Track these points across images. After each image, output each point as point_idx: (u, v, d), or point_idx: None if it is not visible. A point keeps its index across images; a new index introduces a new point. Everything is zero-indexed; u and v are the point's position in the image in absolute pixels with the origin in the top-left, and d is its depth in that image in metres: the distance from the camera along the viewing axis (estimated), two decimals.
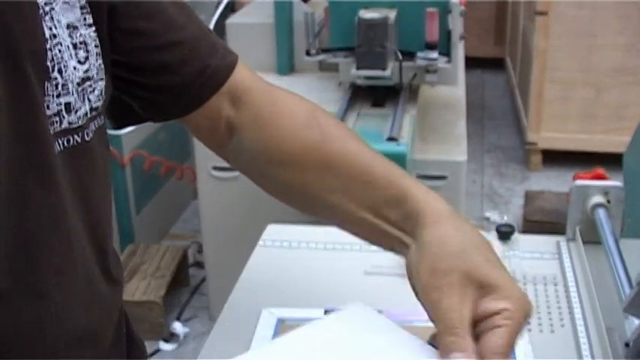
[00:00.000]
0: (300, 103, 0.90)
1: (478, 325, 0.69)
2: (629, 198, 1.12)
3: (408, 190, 0.77)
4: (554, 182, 3.41)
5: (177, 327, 2.55)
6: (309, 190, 0.85)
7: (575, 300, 0.95)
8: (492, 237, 1.05)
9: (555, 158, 3.54)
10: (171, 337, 2.53)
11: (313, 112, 0.88)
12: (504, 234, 1.07)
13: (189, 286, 2.79)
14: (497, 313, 0.68)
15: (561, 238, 1.08)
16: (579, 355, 0.86)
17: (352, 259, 1.06)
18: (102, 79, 0.78)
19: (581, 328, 0.90)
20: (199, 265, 2.82)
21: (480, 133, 3.98)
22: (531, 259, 1.05)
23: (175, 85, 0.84)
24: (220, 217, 2.46)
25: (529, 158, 3.61)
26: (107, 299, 0.85)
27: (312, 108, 0.89)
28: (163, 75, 0.84)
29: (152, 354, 2.44)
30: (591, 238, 1.05)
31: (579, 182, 1.05)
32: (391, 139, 1.95)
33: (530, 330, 0.90)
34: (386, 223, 0.79)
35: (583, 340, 0.88)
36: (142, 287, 2.55)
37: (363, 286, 1.01)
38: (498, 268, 0.71)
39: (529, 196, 3.10)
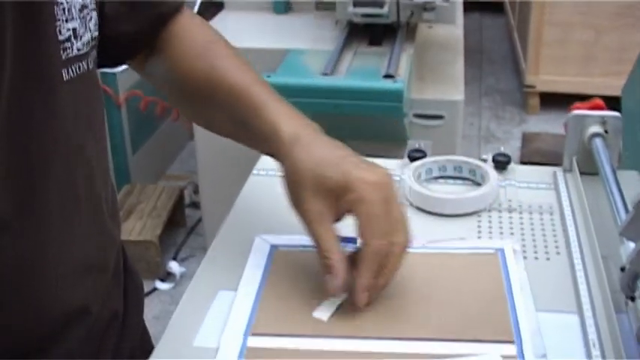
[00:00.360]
0: (201, 33, 0.92)
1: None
2: (626, 131, 1.11)
3: (278, 117, 0.82)
4: (552, 125, 3.40)
5: (174, 266, 2.56)
6: (200, 117, 0.96)
7: (571, 228, 0.94)
8: (489, 167, 1.04)
9: (553, 101, 3.52)
10: (167, 276, 2.54)
11: (209, 44, 0.91)
12: (500, 163, 1.06)
13: (185, 227, 2.80)
14: (349, 209, 0.77)
15: (558, 169, 1.08)
16: (574, 281, 0.85)
17: None
18: (94, 9, 0.78)
19: (576, 255, 0.89)
20: (195, 205, 2.82)
21: (478, 76, 3.95)
22: (527, 188, 1.04)
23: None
24: (216, 159, 2.45)
25: (527, 101, 3.60)
26: (108, 231, 0.85)
27: (211, 39, 0.92)
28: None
29: (149, 293, 2.45)
30: (588, 169, 1.04)
31: (577, 112, 1.03)
32: (388, 76, 1.93)
33: (525, 257, 0.90)
34: (256, 143, 0.87)
35: (578, 267, 0.87)
36: (138, 227, 2.55)
37: None
38: (351, 165, 0.78)
39: (526, 138, 3.09)
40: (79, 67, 0.75)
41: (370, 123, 2.02)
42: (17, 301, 0.74)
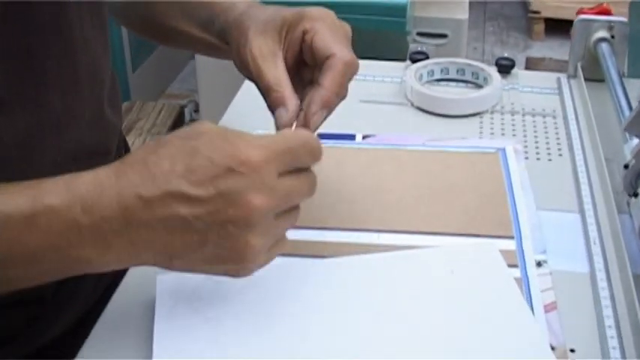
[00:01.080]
0: None
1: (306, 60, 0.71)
2: (633, 40, 1.09)
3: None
4: (556, 52, 3.37)
5: None
6: (156, 20, 0.88)
7: (574, 131, 0.93)
8: (492, 70, 1.02)
9: (558, 28, 3.48)
10: None
11: None
12: (504, 67, 1.04)
13: None
14: (303, 33, 0.69)
15: (562, 75, 1.06)
16: (576, 182, 0.84)
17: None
18: None
19: (579, 157, 0.88)
20: None
21: (483, 0, 3.90)
22: (531, 92, 1.03)
23: None
24: (217, 77, 2.42)
25: (532, 27, 3.55)
26: (109, 121, 0.83)
27: None
28: None
29: None
30: (593, 75, 1.03)
31: (583, 16, 1.01)
32: None
33: (526, 158, 0.88)
34: (211, 35, 0.80)
35: (581, 167, 0.86)
36: (137, 143, 2.53)
37: (358, 112, 0.99)
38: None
39: (530, 63, 3.06)
40: None
41: (373, 39, 1.99)
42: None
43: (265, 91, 0.69)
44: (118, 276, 0.73)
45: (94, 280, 0.76)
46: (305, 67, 0.72)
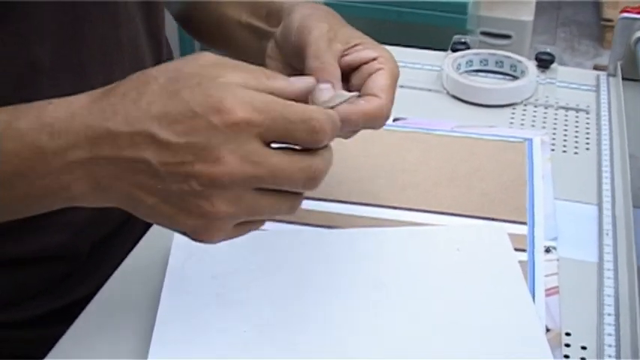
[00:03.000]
0: None
1: (353, 76, 0.66)
2: None
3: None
4: None
5: None
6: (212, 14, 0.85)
7: (604, 128, 0.93)
8: (530, 63, 1.03)
9: None
10: None
11: None
12: (543, 61, 1.05)
13: None
14: (373, 59, 0.66)
15: (602, 73, 1.06)
16: (599, 175, 0.85)
17: None
18: None
19: (605, 152, 0.88)
20: None
21: (557, 5, 3.85)
22: (567, 88, 1.03)
23: None
24: None
25: (603, 35, 3.50)
26: None
27: None
28: None
29: None
30: (633, 75, 1.02)
31: (624, 15, 1.01)
32: None
33: (553, 150, 0.89)
34: (259, 20, 0.78)
35: (605, 162, 0.87)
36: None
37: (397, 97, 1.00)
38: (361, 34, 0.69)
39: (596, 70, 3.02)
40: None
41: (431, 35, 2.00)
42: None
43: (309, 63, 0.64)
44: None
45: (128, 239, 0.79)
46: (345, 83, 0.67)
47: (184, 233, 0.54)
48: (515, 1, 2.33)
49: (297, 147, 0.53)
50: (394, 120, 0.94)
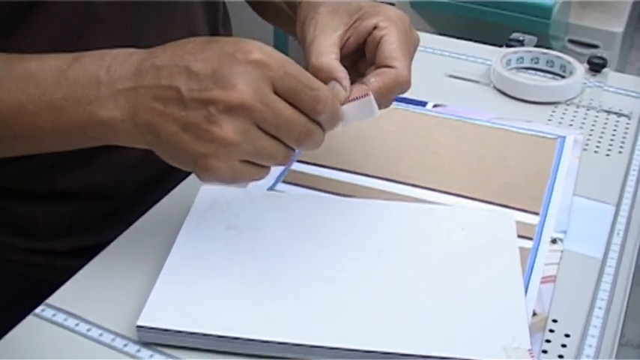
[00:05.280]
0: None
1: (366, 50, 0.70)
2: None
3: None
4: None
5: None
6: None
7: None
8: (581, 65, 1.04)
9: None
10: None
11: None
12: (595, 65, 1.06)
13: None
14: (374, 27, 0.69)
15: None
16: (625, 178, 0.86)
17: (436, 60, 1.10)
18: None
19: (637, 157, 0.89)
20: None
21: None
22: (615, 93, 1.04)
23: None
24: None
25: None
26: None
27: None
28: None
29: None
30: None
31: None
32: None
33: (585, 149, 0.91)
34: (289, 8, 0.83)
35: (635, 166, 0.88)
36: None
37: (440, 84, 1.05)
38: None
39: None
40: None
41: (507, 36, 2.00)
42: None
43: (310, 55, 0.68)
44: None
45: (169, 187, 0.84)
46: (363, 59, 0.71)
47: (195, 171, 0.61)
48: (607, 12, 2.30)
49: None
50: (434, 106, 0.97)
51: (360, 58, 0.72)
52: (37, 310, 0.67)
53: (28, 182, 0.83)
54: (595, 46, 2.30)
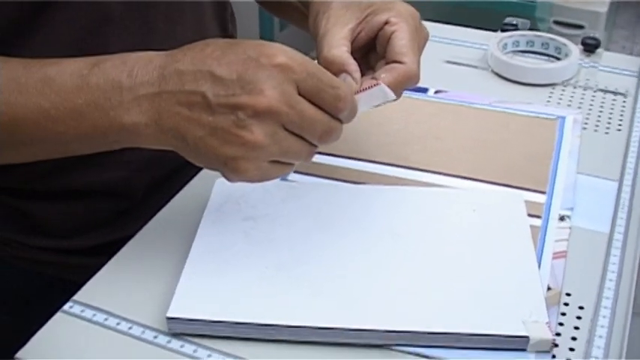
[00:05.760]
0: None
1: (377, 45, 0.72)
2: None
3: None
4: None
5: None
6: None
7: (639, 111, 0.96)
8: (575, 46, 1.06)
9: None
10: None
11: None
12: (589, 46, 1.08)
13: None
14: (385, 22, 0.71)
15: None
16: (625, 154, 0.88)
17: (434, 47, 1.12)
18: None
19: (635, 133, 0.92)
20: None
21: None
22: (610, 72, 1.06)
23: None
24: None
25: None
26: None
27: None
28: None
29: None
30: None
31: None
32: None
33: (585, 128, 0.93)
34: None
35: (634, 142, 0.90)
36: None
37: (440, 71, 1.07)
38: None
39: None
40: None
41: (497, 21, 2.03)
42: None
43: (322, 48, 0.70)
44: None
45: (181, 184, 0.85)
46: (374, 52, 0.73)
47: (223, 172, 0.62)
48: None
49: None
50: (435, 92, 0.99)
51: (370, 51, 0.74)
52: (66, 307, 0.68)
53: (41, 181, 0.84)
54: (580, 27, 2.32)
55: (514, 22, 1.14)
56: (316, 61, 0.69)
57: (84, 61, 0.64)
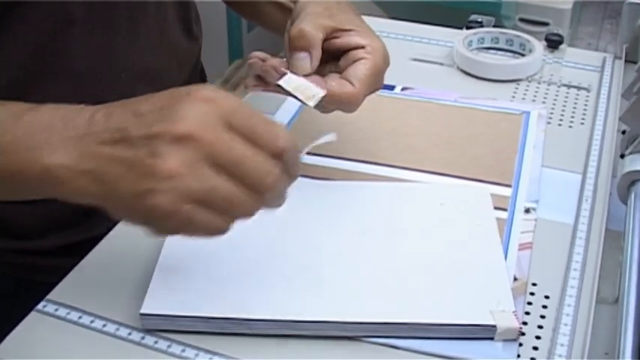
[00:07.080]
0: None
1: (342, 58, 0.74)
2: None
3: None
4: None
5: None
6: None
7: (601, 105, 0.99)
8: (539, 43, 1.08)
9: None
10: None
11: None
12: (552, 42, 1.10)
13: None
14: (360, 47, 0.73)
15: (609, 55, 1.11)
16: (589, 148, 0.90)
17: (400, 45, 1.13)
18: None
19: (598, 127, 0.94)
20: None
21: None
22: (573, 68, 1.08)
23: None
24: None
25: None
26: (180, 50, 0.94)
27: None
28: None
29: None
30: (636, 57, 1.07)
31: (631, 0, 1.06)
32: None
33: (549, 123, 0.95)
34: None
35: (597, 136, 0.92)
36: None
37: (406, 68, 1.08)
38: (360, 22, 0.76)
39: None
40: None
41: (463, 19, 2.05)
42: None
43: (296, 25, 0.72)
44: None
45: None
46: (331, 64, 0.75)
47: (145, 223, 0.57)
48: None
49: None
50: (402, 89, 1.01)
51: (329, 62, 0.75)
52: (39, 306, 0.69)
53: None
54: (546, 24, 2.35)
55: (479, 20, 1.16)
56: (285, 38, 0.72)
57: (22, 105, 0.61)
